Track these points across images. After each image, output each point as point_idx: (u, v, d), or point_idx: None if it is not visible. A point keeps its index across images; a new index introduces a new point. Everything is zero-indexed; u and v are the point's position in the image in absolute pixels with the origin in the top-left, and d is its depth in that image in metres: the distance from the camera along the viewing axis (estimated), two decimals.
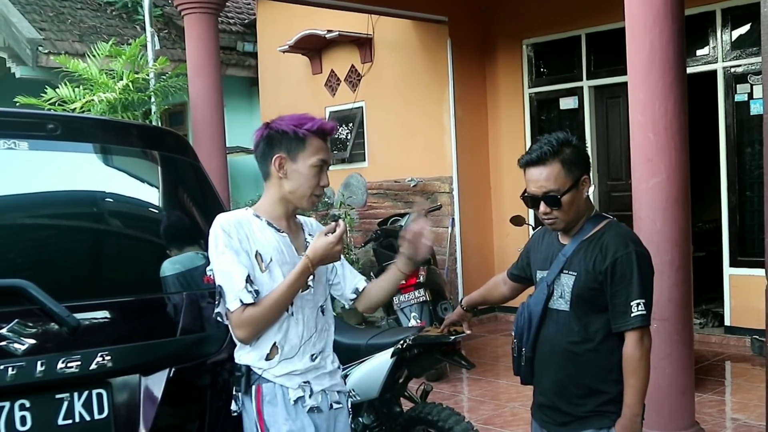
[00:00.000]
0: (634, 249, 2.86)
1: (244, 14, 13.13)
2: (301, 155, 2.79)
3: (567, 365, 2.94)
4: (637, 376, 2.82)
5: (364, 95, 10.63)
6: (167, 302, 3.04)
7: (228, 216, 2.80)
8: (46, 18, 11.53)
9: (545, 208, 2.90)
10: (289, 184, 2.81)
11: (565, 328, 2.93)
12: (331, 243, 2.73)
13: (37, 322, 2.61)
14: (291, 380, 2.77)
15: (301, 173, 2.79)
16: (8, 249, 2.77)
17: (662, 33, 4.61)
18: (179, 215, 3.35)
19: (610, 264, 2.83)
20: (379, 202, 10.49)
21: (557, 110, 9.54)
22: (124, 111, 8.73)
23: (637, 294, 2.81)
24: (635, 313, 2.80)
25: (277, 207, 2.85)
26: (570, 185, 2.87)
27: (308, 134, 2.79)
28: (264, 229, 2.79)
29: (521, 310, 3.09)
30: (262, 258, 2.75)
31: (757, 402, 5.83)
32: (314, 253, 2.73)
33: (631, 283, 2.81)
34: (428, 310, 7.06)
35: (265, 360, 2.76)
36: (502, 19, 9.75)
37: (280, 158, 2.79)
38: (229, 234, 2.72)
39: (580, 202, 2.92)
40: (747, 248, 7.93)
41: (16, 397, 2.57)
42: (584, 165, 2.93)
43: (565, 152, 2.87)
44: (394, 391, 4.21)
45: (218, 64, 7.60)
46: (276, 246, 2.79)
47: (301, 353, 2.80)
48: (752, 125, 7.75)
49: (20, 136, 2.82)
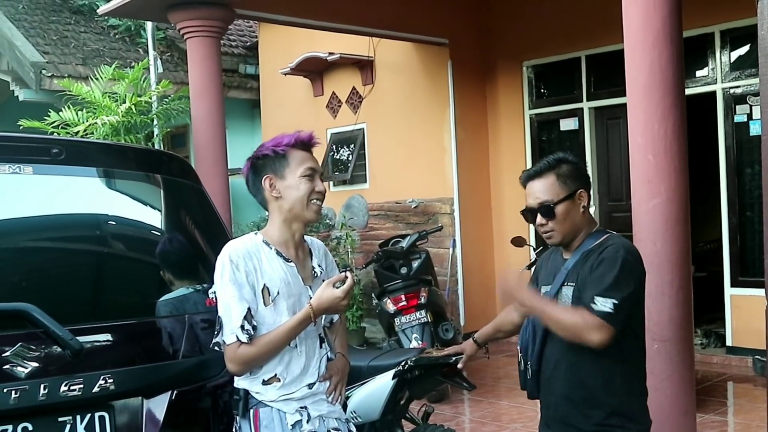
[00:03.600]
0: (624, 255, 2.85)
1: (246, 37, 13.21)
2: (288, 170, 2.83)
3: (571, 378, 2.95)
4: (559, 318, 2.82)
5: (366, 117, 10.67)
6: (169, 325, 3.05)
7: (237, 245, 2.78)
8: (49, 41, 11.61)
9: (541, 219, 2.97)
10: (286, 202, 2.82)
11: (567, 341, 2.91)
12: (338, 298, 2.73)
13: (40, 345, 2.63)
14: (288, 405, 2.77)
15: (292, 187, 2.81)
16: (12, 272, 2.80)
17: (661, 55, 4.65)
18: (182, 238, 3.37)
19: (596, 261, 2.85)
20: (381, 224, 10.50)
21: (558, 131, 9.57)
22: (127, 134, 8.77)
23: (609, 293, 2.76)
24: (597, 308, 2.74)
25: (284, 231, 2.85)
26: (564, 196, 2.94)
27: (288, 149, 2.85)
28: (272, 260, 2.79)
29: (526, 324, 3.14)
30: (269, 292, 2.75)
31: (759, 423, 5.81)
32: (318, 305, 2.74)
33: (603, 280, 2.79)
34: (429, 331, 7.06)
35: (263, 385, 2.77)
36: (502, 41, 9.80)
37: (269, 179, 2.82)
38: (237, 266, 2.71)
39: (576, 215, 2.96)
40: (748, 268, 7.93)
41: (18, 421, 2.58)
42: (581, 180, 2.99)
43: (562, 167, 2.98)
44: (396, 413, 4.21)
45: (220, 86, 7.65)
46: (283, 278, 2.78)
47: (299, 382, 2.81)
48: (752, 146, 7.77)
49: (25, 161, 2.85)
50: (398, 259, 7.67)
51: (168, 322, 3.05)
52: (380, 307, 7.38)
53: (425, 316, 7.10)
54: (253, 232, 2.89)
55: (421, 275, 7.50)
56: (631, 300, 2.85)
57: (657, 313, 4.70)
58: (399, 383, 4.03)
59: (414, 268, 7.57)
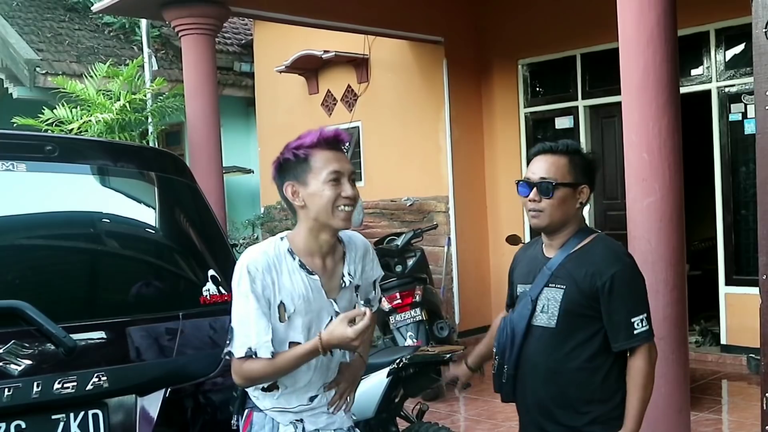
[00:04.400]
0: (629, 263, 2.85)
1: (241, 35, 13.20)
2: (311, 176, 2.54)
3: (551, 383, 2.89)
4: (646, 390, 2.80)
5: (361, 115, 10.67)
6: (164, 323, 3.04)
7: (258, 257, 2.54)
8: (43, 39, 11.59)
9: (535, 194, 2.86)
10: (310, 210, 2.55)
11: (549, 345, 2.87)
12: (347, 338, 2.45)
13: (33, 342, 2.63)
14: (283, 416, 2.63)
15: (316, 194, 2.53)
16: (6, 270, 2.79)
17: (656, 54, 4.65)
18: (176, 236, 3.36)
19: (607, 280, 2.77)
20: (376, 222, 10.50)
21: (553, 129, 9.57)
22: (122, 131, 8.77)
23: (639, 309, 2.79)
24: (639, 329, 2.78)
25: (310, 240, 2.60)
26: (569, 182, 2.85)
27: (310, 151, 2.55)
28: (294, 273, 2.56)
29: (503, 325, 3.01)
30: (285, 308, 2.54)
31: (753, 421, 5.83)
32: (328, 340, 2.48)
33: (631, 299, 2.79)
34: (424, 329, 7.06)
35: (262, 391, 2.62)
36: (497, 39, 9.80)
37: (291, 186, 2.56)
38: (254, 279, 2.49)
39: (571, 207, 2.88)
40: (742, 267, 7.94)
41: (12, 418, 2.58)
42: (589, 176, 2.92)
43: (578, 156, 2.91)
44: (390, 411, 4.21)
45: (215, 84, 7.64)
46: (303, 294, 2.56)
47: (302, 394, 2.64)
48: (746, 144, 7.78)
49: (18, 158, 2.84)
50: (393, 257, 7.67)
51: (162, 320, 3.05)
52: None
53: (420, 314, 7.10)
54: (279, 236, 2.64)
55: (416, 273, 7.50)
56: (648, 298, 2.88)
57: (651, 312, 4.66)
58: (394, 381, 4.03)
59: (409, 267, 7.57)
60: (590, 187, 2.92)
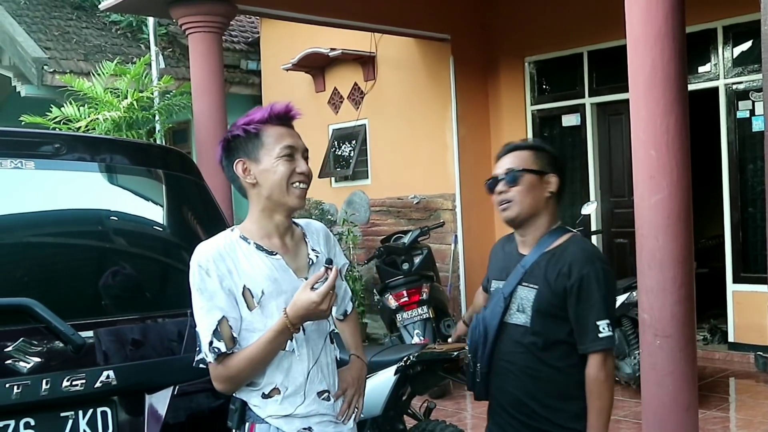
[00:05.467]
0: (601, 266, 2.79)
1: (247, 33, 13.21)
2: (263, 152, 2.43)
3: (525, 382, 2.85)
4: (603, 398, 2.76)
5: (367, 113, 10.67)
6: (171, 320, 3.05)
7: (207, 248, 2.40)
8: (51, 37, 11.61)
9: (502, 186, 2.87)
10: (263, 188, 2.44)
11: (522, 343, 2.84)
12: (314, 303, 2.29)
13: (42, 340, 2.63)
14: (290, 424, 2.43)
15: (269, 171, 2.42)
16: (14, 267, 2.80)
17: (663, 51, 4.63)
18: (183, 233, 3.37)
19: (576, 281, 2.74)
20: (382, 219, 10.50)
21: (560, 127, 9.56)
22: (129, 129, 8.79)
23: (603, 314, 2.73)
24: (603, 334, 2.72)
25: (264, 222, 2.48)
26: (534, 169, 2.86)
27: (262, 126, 2.45)
28: (252, 256, 2.41)
29: (476, 323, 2.99)
30: (252, 293, 2.38)
31: (761, 419, 5.82)
32: (294, 312, 2.31)
33: (597, 303, 2.74)
34: (431, 327, 7.06)
35: (263, 398, 2.43)
36: (504, 36, 9.79)
37: (242, 162, 2.44)
38: (207, 271, 2.35)
39: (539, 196, 2.86)
40: (750, 264, 7.92)
41: (20, 416, 2.58)
42: (555, 167, 2.92)
43: (541, 151, 2.95)
44: (398, 409, 4.21)
45: (222, 82, 7.64)
46: (268, 274, 2.40)
47: (308, 391, 2.45)
48: (754, 142, 7.76)
49: (27, 156, 2.86)
50: (400, 255, 7.68)
51: (170, 317, 3.05)
52: (382, 303, 7.39)
53: (427, 311, 7.11)
54: (230, 228, 2.54)
55: (423, 271, 7.51)
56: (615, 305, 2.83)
57: (659, 309, 4.69)
58: (401, 379, 4.03)
59: (416, 264, 7.57)
60: (559, 177, 2.91)
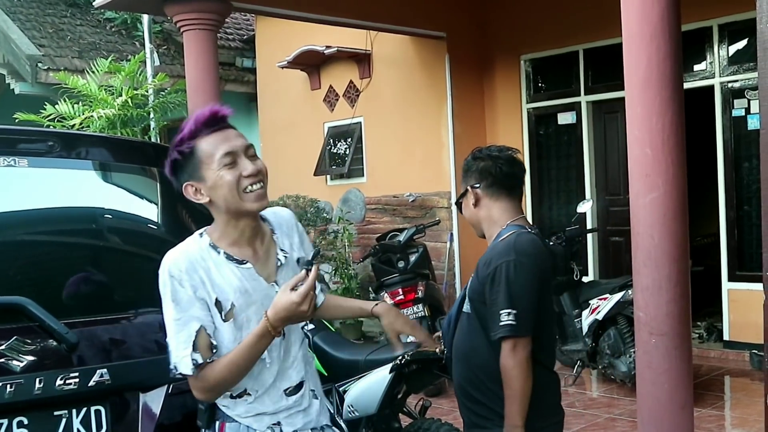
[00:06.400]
0: (513, 258, 2.86)
1: (243, 30, 13.19)
2: (204, 168, 2.31)
3: (465, 366, 3.00)
4: (511, 387, 2.81)
5: (363, 111, 10.65)
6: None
7: (178, 256, 2.32)
8: (45, 34, 11.58)
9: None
10: (218, 203, 2.33)
11: (466, 330, 3.01)
12: (295, 303, 2.21)
13: (35, 339, 2.62)
14: (260, 421, 2.41)
15: (217, 184, 2.30)
16: (7, 266, 2.78)
17: (659, 49, 4.63)
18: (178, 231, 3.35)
19: (491, 271, 2.87)
20: (378, 218, 10.49)
21: (555, 125, 9.57)
22: (123, 127, 8.77)
23: (506, 303, 2.81)
24: (503, 322, 2.80)
25: (230, 231, 2.38)
26: (461, 194, 3.12)
27: (194, 142, 2.31)
28: (222, 267, 2.33)
29: (447, 316, 3.23)
30: (222, 306, 2.32)
31: (756, 417, 5.82)
32: (275, 315, 2.24)
33: (502, 292, 2.83)
34: (427, 325, 7.05)
35: (231, 398, 2.40)
36: (500, 34, 9.78)
37: (190, 186, 2.35)
38: (180, 281, 2.28)
39: (469, 211, 3.08)
40: (745, 263, 7.93)
41: (14, 415, 2.57)
42: (471, 177, 3.07)
43: (468, 164, 3.10)
44: (393, 407, 4.21)
45: (217, 79, 7.62)
46: (238, 286, 2.33)
47: (276, 390, 2.43)
48: (750, 140, 7.76)
49: (20, 154, 2.84)
50: (395, 253, 7.67)
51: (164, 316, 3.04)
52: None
53: (422, 310, 7.10)
54: (198, 232, 2.42)
55: (419, 269, 7.50)
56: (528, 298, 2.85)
57: (654, 308, 4.69)
58: (396, 377, 4.03)
59: (411, 262, 7.57)
60: (473, 184, 3.04)
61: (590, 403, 6.68)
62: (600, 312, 6.63)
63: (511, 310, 2.80)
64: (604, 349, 6.70)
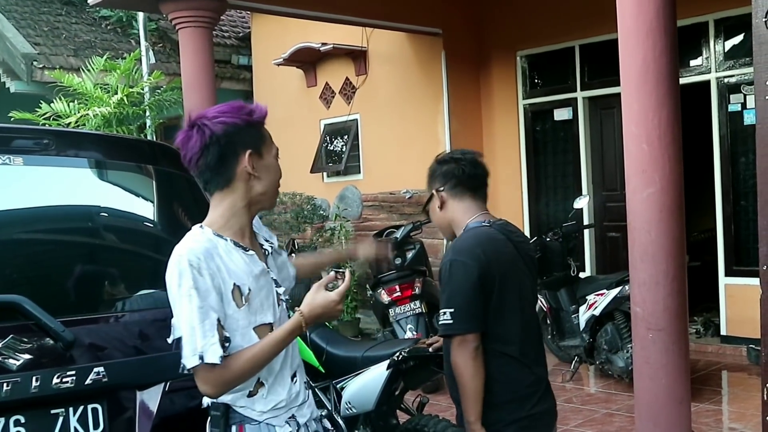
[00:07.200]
0: (450, 258, 2.92)
1: (238, 28, 13.17)
2: (264, 148, 2.40)
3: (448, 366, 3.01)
4: (460, 383, 2.88)
5: (359, 108, 10.65)
6: (162, 316, 3.03)
7: (193, 245, 2.28)
8: (40, 33, 11.55)
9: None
10: (260, 184, 2.37)
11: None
12: (333, 302, 2.34)
13: (32, 337, 2.61)
14: (278, 416, 2.39)
15: (270, 168, 2.39)
16: (3, 264, 2.78)
17: (655, 45, 4.63)
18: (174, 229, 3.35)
19: (439, 271, 2.98)
20: (375, 214, 10.49)
21: (552, 121, 9.57)
22: (119, 125, 8.76)
23: (445, 303, 2.88)
24: (441, 320, 2.88)
25: (241, 217, 2.38)
26: (426, 200, 3.14)
27: (261, 122, 2.43)
28: (231, 253, 2.33)
29: None
30: (241, 291, 2.31)
31: (753, 411, 5.83)
32: (310, 311, 2.32)
33: (445, 292, 2.90)
34: (424, 322, 7.05)
35: (248, 397, 2.36)
36: (496, 31, 9.78)
37: (253, 155, 2.35)
38: (199, 270, 2.24)
39: (436, 215, 3.11)
40: (742, 258, 7.94)
41: (11, 413, 2.57)
42: (439, 180, 3.09)
43: (431, 171, 3.12)
44: (391, 404, 4.20)
45: (213, 77, 7.61)
46: (249, 271, 2.34)
47: (283, 377, 2.42)
48: (746, 135, 7.77)
49: (15, 152, 2.83)
50: (392, 249, 7.65)
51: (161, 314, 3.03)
52: (374, 298, 7.37)
53: (420, 306, 7.09)
54: (197, 226, 2.39)
55: (416, 266, 7.49)
56: (464, 296, 2.85)
57: (652, 303, 4.70)
58: (394, 374, 4.02)
59: (408, 259, 7.56)
60: (438, 187, 3.07)
61: (588, 398, 6.68)
62: (597, 308, 6.63)
63: (447, 309, 2.86)
64: (602, 345, 6.70)
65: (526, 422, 2.95)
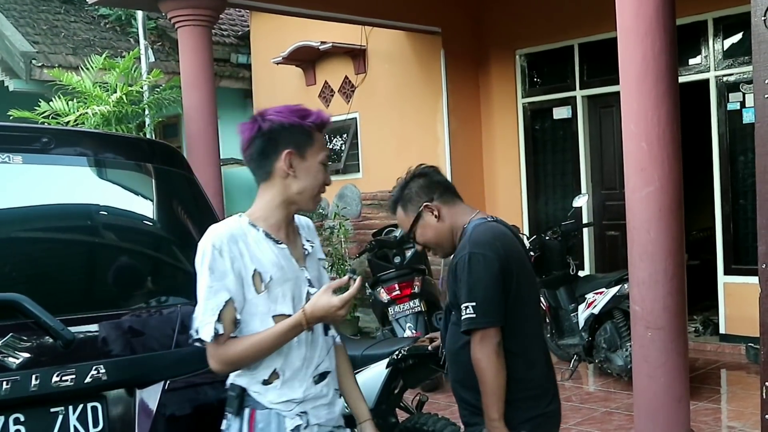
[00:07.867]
0: (468, 251, 2.84)
1: (237, 26, 13.16)
2: (310, 151, 2.51)
3: (453, 364, 3.01)
4: (482, 379, 2.80)
5: (358, 106, 10.64)
6: (162, 315, 3.03)
7: (220, 229, 2.46)
8: (39, 31, 11.54)
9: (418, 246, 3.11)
10: (297, 183, 2.51)
11: (452, 329, 3.00)
12: (334, 306, 2.42)
13: (31, 335, 2.61)
14: (289, 409, 2.50)
15: (310, 171, 2.52)
16: (3, 263, 2.77)
17: (654, 43, 4.64)
18: (173, 228, 3.35)
19: (454, 265, 2.89)
20: (374, 213, 10.49)
21: (551, 120, 9.57)
22: (118, 124, 8.75)
23: (465, 296, 2.81)
24: (465, 315, 2.80)
25: (278, 212, 2.54)
26: (412, 221, 3.02)
27: (313, 127, 2.52)
28: (261, 242, 2.48)
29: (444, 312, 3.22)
30: (262, 277, 2.44)
31: (752, 410, 5.84)
32: (312, 311, 2.43)
33: (463, 286, 2.83)
34: (423, 320, 7.06)
35: (263, 384, 2.49)
36: (495, 29, 9.78)
37: (290, 154, 2.48)
38: (220, 251, 2.40)
39: (432, 229, 3.01)
40: (741, 256, 7.94)
41: (10, 411, 2.56)
42: (424, 194, 3.02)
43: (404, 194, 3.03)
44: (390, 402, 4.20)
45: (212, 76, 7.61)
46: (275, 261, 2.48)
47: (304, 375, 2.53)
48: (745, 134, 7.78)
49: (14, 150, 2.83)
50: (392, 248, 7.66)
51: (161, 312, 3.04)
52: (374, 297, 7.37)
53: (419, 305, 7.10)
54: (237, 214, 2.55)
55: (415, 264, 7.50)
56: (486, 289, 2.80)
57: (651, 302, 4.70)
58: (393, 372, 4.03)
59: (407, 258, 7.56)
60: (429, 199, 3.01)
61: (587, 397, 6.69)
62: (596, 306, 6.64)
63: (469, 302, 2.79)
64: (601, 344, 6.71)
65: (541, 420, 2.94)
